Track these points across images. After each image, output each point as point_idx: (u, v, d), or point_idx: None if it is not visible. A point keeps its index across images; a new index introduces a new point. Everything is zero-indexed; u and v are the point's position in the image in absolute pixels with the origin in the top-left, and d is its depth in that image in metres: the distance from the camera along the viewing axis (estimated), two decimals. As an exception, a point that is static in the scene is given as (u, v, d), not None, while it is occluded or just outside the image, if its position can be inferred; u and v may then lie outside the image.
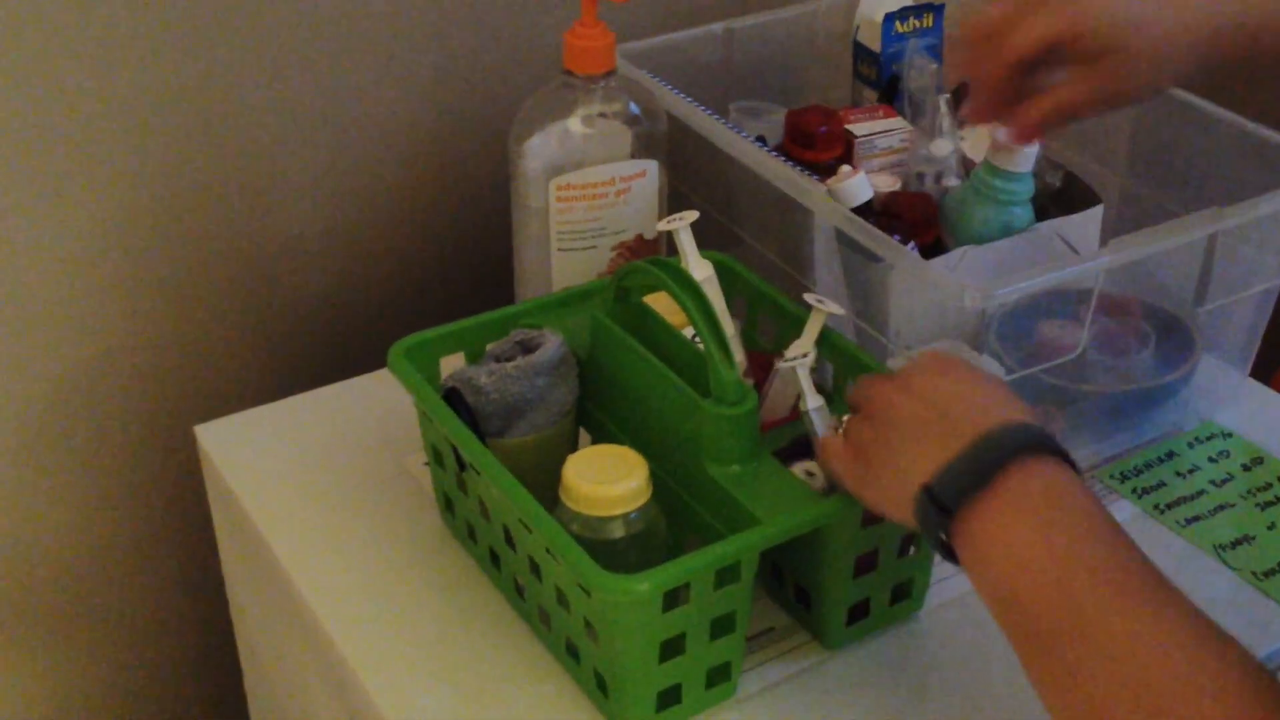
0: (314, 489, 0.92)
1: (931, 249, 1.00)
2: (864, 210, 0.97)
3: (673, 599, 0.71)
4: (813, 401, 0.81)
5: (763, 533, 0.72)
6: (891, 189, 1.04)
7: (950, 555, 0.66)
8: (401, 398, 0.87)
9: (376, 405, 0.99)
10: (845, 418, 0.75)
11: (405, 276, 1.18)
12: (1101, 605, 0.59)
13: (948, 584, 0.85)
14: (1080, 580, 0.60)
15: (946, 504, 0.65)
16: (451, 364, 0.87)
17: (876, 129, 1.08)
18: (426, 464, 0.89)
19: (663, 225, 0.87)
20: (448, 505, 0.88)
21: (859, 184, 0.98)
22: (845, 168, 1.02)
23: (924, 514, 0.66)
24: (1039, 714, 0.77)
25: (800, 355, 0.82)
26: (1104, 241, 0.93)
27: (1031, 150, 0.97)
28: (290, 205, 1.11)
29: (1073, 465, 0.66)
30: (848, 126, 1.07)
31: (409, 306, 1.17)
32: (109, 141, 1.01)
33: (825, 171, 1.02)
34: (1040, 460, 0.65)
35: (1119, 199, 1.06)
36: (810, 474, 0.79)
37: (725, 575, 0.72)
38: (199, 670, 1.24)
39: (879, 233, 0.89)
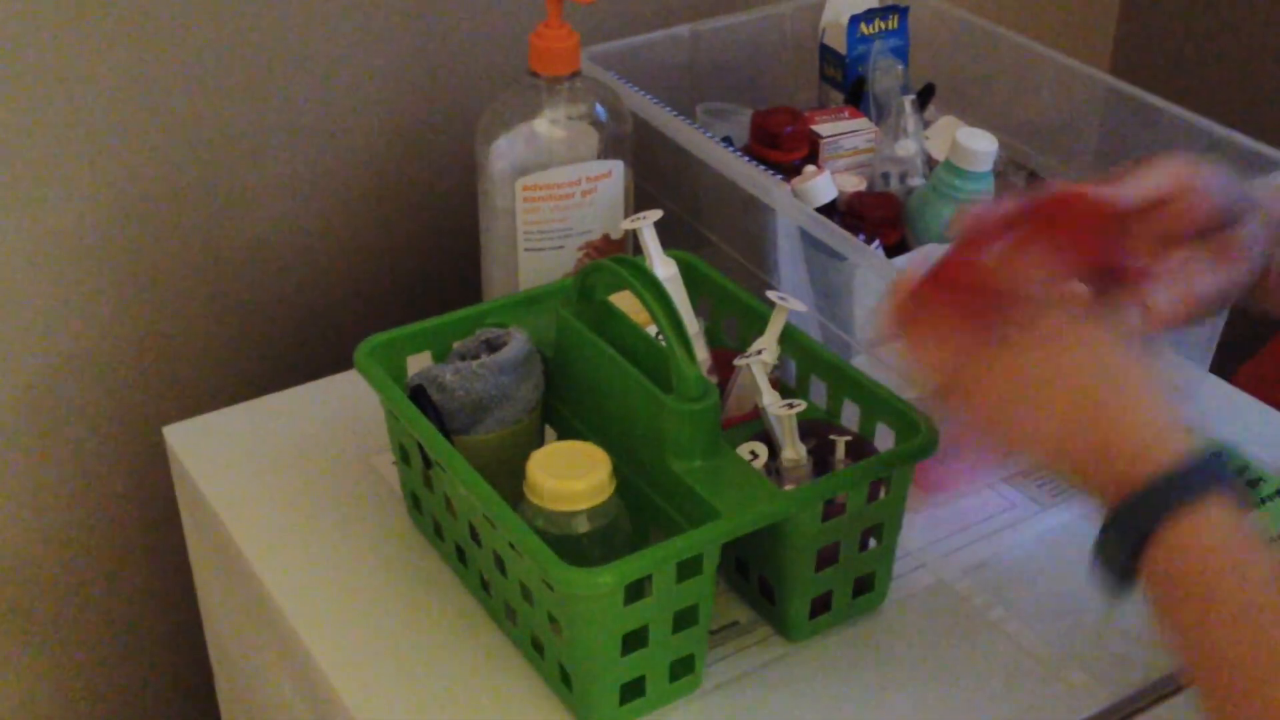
0: (282, 489, 0.93)
1: (896, 249, 1.01)
2: (828, 210, 0.98)
3: (635, 592, 0.72)
4: (768, 398, 0.82)
5: (723, 526, 0.73)
6: (857, 189, 1.05)
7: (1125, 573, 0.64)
8: (369, 397, 0.87)
9: (344, 405, 1.00)
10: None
11: (373, 277, 1.18)
12: None
13: (910, 578, 0.86)
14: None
15: (1128, 537, 0.62)
16: (418, 363, 0.87)
17: (842, 130, 1.09)
18: (394, 463, 0.90)
19: (627, 224, 0.87)
20: (415, 503, 0.88)
21: (823, 184, 0.99)
22: (810, 168, 1.03)
23: (1112, 536, 0.63)
24: (997, 706, 0.78)
25: (757, 352, 0.83)
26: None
27: (991, 149, 0.98)
28: (259, 206, 1.11)
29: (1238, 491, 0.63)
30: (813, 127, 1.08)
31: (376, 307, 1.18)
32: (77, 144, 1.01)
33: (791, 172, 1.03)
34: (1207, 510, 0.61)
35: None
36: (754, 454, 0.80)
37: (687, 568, 0.73)
38: (168, 669, 1.25)
39: (842, 231, 0.90)
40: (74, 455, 1.11)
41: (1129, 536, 0.62)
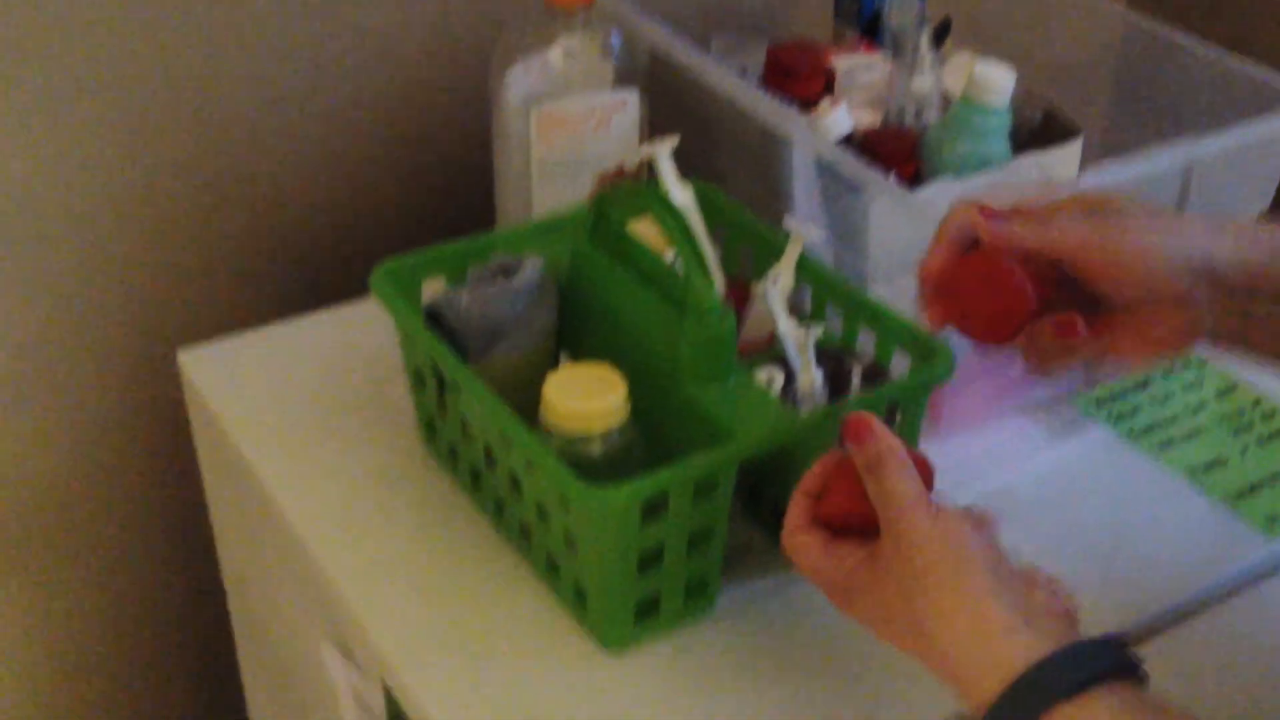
0: (297, 414, 0.93)
1: (911, 184, 1.01)
2: (844, 145, 0.98)
3: (651, 511, 0.72)
4: (784, 324, 0.82)
5: (740, 445, 0.73)
6: (872, 125, 1.04)
7: None
8: (383, 325, 0.87)
9: (359, 332, 1.00)
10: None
11: (387, 207, 1.18)
12: None
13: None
14: None
15: None
16: (433, 289, 0.87)
17: (858, 64, 1.08)
18: (409, 389, 0.90)
19: (643, 150, 0.87)
20: (429, 428, 0.88)
21: (840, 117, 0.99)
22: (826, 101, 1.03)
23: None
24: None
25: (774, 279, 0.83)
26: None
27: (1008, 83, 0.97)
28: (275, 132, 1.11)
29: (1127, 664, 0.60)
30: (829, 62, 1.08)
31: (390, 238, 1.18)
32: (92, 67, 1.01)
33: (806, 106, 1.02)
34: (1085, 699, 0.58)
35: (1100, 136, 1.07)
36: (771, 379, 0.80)
37: (703, 489, 0.73)
38: (181, 592, 1.25)
39: (858, 160, 0.90)
40: (88, 379, 1.12)
41: None
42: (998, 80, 0.97)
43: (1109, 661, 0.59)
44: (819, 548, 0.68)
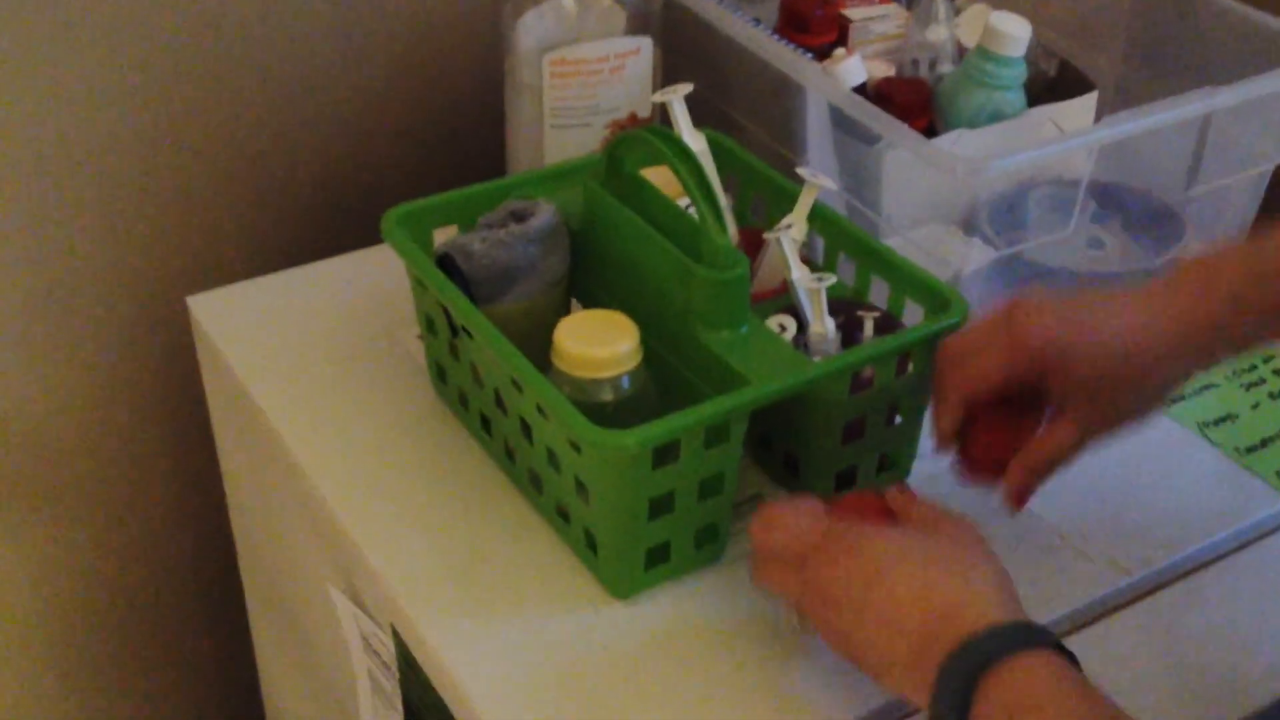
0: (308, 360, 0.93)
1: (925, 135, 1.00)
2: (857, 94, 0.97)
3: (662, 457, 0.72)
4: (797, 272, 0.81)
5: (752, 392, 0.73)
6: (885, 75, 1.03)
7: None
8: (395, 272, 0.87)
9: (370, 279, 1.00)
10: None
11: (399, 155, 1.18)
12: None
13: (933, 458, 0.86)
14: None
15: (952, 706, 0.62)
16: (445, 237, 0.87)
17: (872, 15, 1.07)
18: (419, 335, 0.90)
19: (657, 96, 0.87)
20: (440, 374, 0.88)
21: (853, 66, 0.98)
22: (840, 51, 1.02)
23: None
24: (1021, 582, 0.79)
25: (786, 226, 0.83)
26: (1098, 128, 0.94)
27: (1024, 33, 0.97)
28: (287, 79, 1.10)
29: (1042, 642, 0.63)
30: (843, 11, 1.07)
31: (402, 186, 1.17)
32: (103, 12, 1.00)
33: (820, 56, 1.02)
34: (1010, 669, 0.61)
35: (1116, 88, 1.06)
36: (783, 328, 0.80)
37: (714, 435, 0.73)
38: (190, 536, 1.26)
39: (875, 108, 0.89)
40: (99, 326, 1.11)
41: (958, 685, 0.61)
42: (1013, 31, 0.97)
43: (1047, 638, 0.63)
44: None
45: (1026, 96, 1.01)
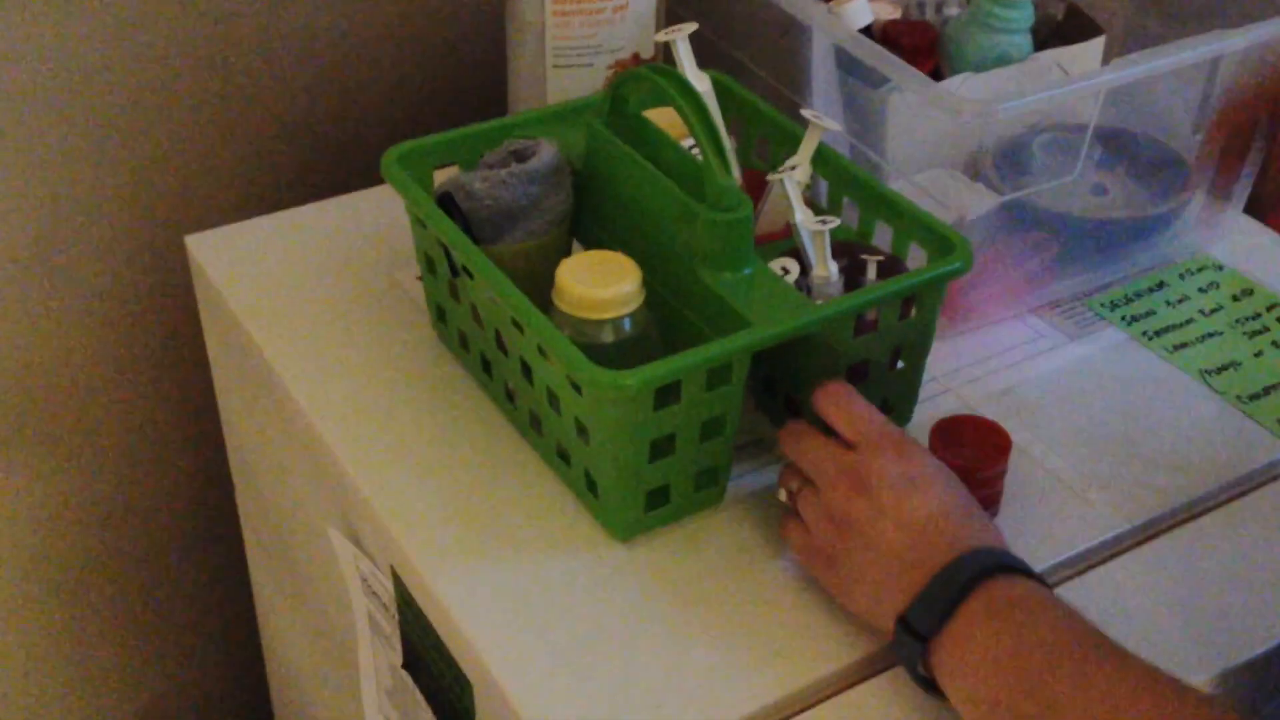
0: (307, 299, 0.92)
1: (931, 78, 0.99)
2: (863, 36, 0.96)
3: (664, 398, 0.72)
4: (800, 214, 0.81)
5: (755, 333, 0.73)
6: (892, 17, 1.02)
7: (928, 686, 0.68)
8: (394, 212, 0.86)
9: (370, 220, 0.99)
10: (795, 488, 0.74)
11: (399, 95, 1.17)
12: (1078, 697, 0.61)
13: (935, 401, 0.86)
14: (1058, 680, 0.61)
15: (921, 633, 0.66)
16: (445, 177, 0.86)
17: (879, -43, 1.06)
18: (419, 276, 0.89)
19: (660, 36, 0.85)
20: (440, 315, 0.88)
21: (859, 6, 0.97)
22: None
23: (902, 647, 0.68)
24: (1022, 524, 0.79)
25: (791, 168, 0.82)
26: (1105, 72, 0.92)
27: None
28: (285, 18, 1.09)
29: (1039, 578, 0.67)
30: (850, -47, 1.06)
31: (403, 124, 1.16)
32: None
33: (826, -2, 1.00)
34: (1007, 580, 0.66)
35: (1125, 33, 1.05)
36: (786, 271, 0.80)
37: (716, 376, 0.73)
38: (189, 479, 1.26)
39: (881, 50, 0.88)
40: (96, 264, 1.11)
41: (947, 594, 0.66)
42: None
43: (1031, 571, 0.68)
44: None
45: (1033, 40, 1.00)
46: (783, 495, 0.76)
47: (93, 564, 1.25)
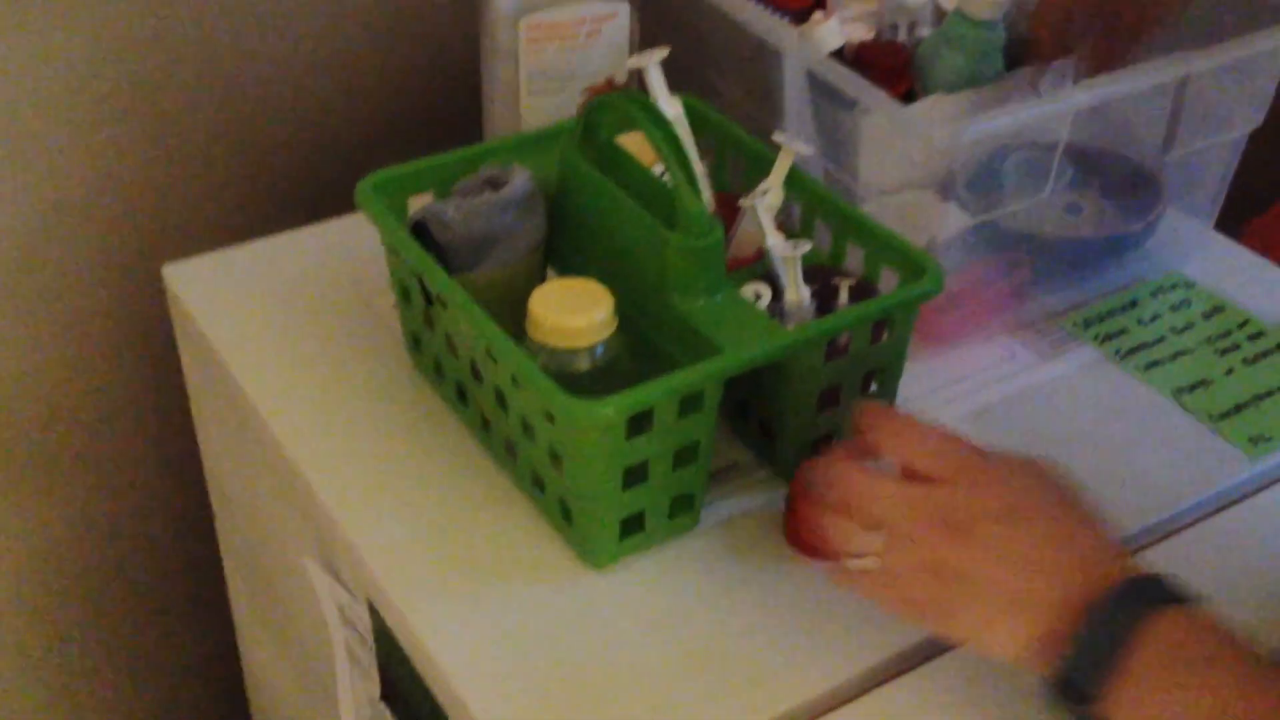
0: (282, 328, 0.93)
1: (904, 100, 1.00)
2: (835, 58, 0.96)
3: (637, 426, 0.72)
4: (772, 239, 0.81)
5: (726, 360, 0.73)
6: (865, 39, 1.03)
7: None
8: (371, 240, 0.86)
9: (346, 247, 0.99)
10: (873, 540, 0.66)
11: (374, 121, 1.17)
12: None
13: (910, 423, 0.87)
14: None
15: (1085, 691, 0.60)
16: (420, 204, 0.86)
17: (851, -22, 1.06)
18: (395, 304, 0.89)
19: (632, 61, 0.86)
20: (415, 343, 0.88)
21: (831, 29, 0.97)
22: (818, 14, 1.01)
23: (1060, 705, 0.62)
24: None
25: (762, 192, 0.82)
26: (1076, 94, 0.93)
27: None
28: (261, 46, 1.09)
29: (1190, 596, 0.62)
30: (821, -26, 1.06)
31: (378, 152, 1.17)
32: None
33: (799, 19, 1.01)
34: (1167, 616, 0.60)
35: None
36: (758, 295, 0.80)
37: (689, 403, 0.73)
38: (168, 509, 1.25)
39: (851, 74, 0.89)
40: (73, 295, 1.11)
41: (1105, 644, 0.60)
42: None
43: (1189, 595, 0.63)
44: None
45: (1005, 60, 1.01)
46: (859, 563, 0.67)
47: (72, 593, 1.25)
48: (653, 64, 0.85)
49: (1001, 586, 0.63)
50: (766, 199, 0.82)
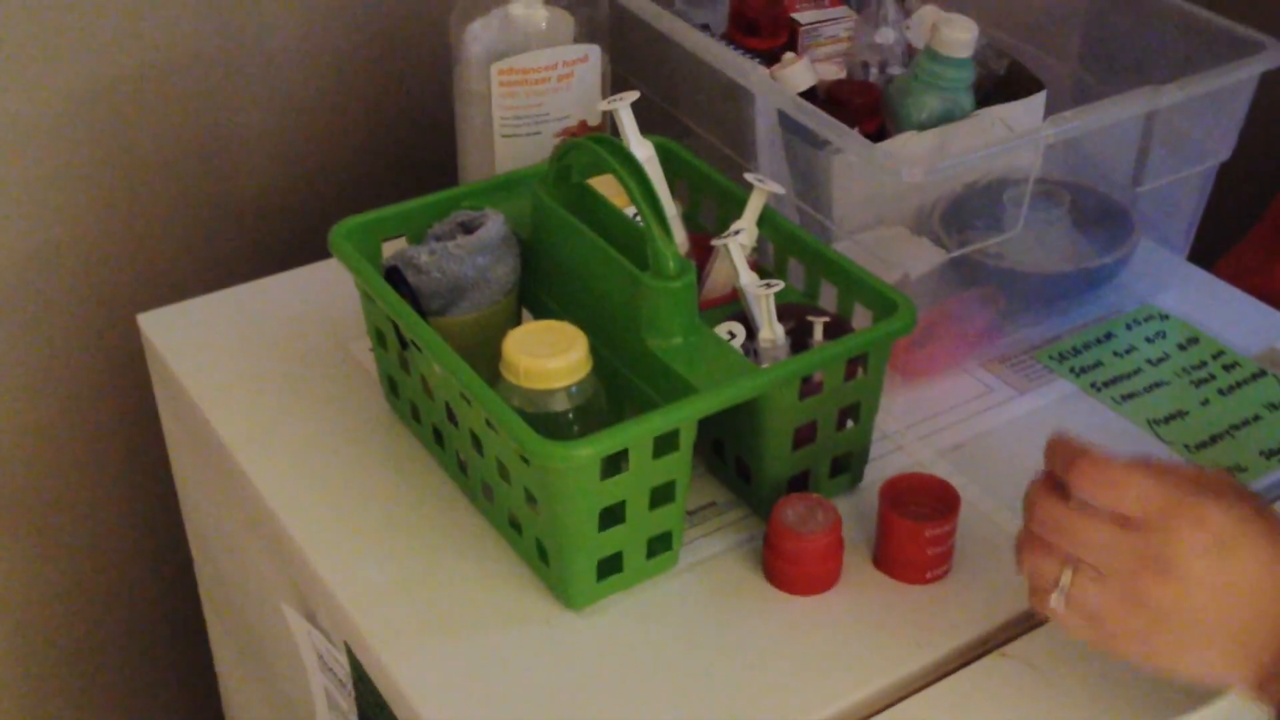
0: (259, 375, 0.93)
1: (875, 138, 1.00)
2: (808, 98, 0.97)
3: (612, 466, 0.72)
4: (746, 278, 0.81)
5: (701, 401, 0.73)
6: (837, 78, 1.04)
7: None
8: (346, 285, 0.87)
9: (321, 293, 0.99)
10: (1066, 575, 0.65)
11: (349, 166, 1.17)
12: None
13: (887, 460, 0.87)
14: None
15: None
16: (394, 248, 0.86)
17: (821, 18, 1.08)
18: (371, 348, 0.89)
19: (603, 105, 0.86)
20: (391, 387, 0.88)
21: (802, 70, 0.98)
22: (789, 55, 1.02)
23: None
24: (972, 580, 0.79)
25: (735, 232, 0.83)
26: (1046, 129, 0.94)
27: (971, 35, 0.97)
28: (235, 94, 1.10)
29: None
30: (792, 14, 1.07)
31: (352, 197, 1.17)
32: (57, 31, 1.00)
33: (770, 59, 1.02)
34: None
35: (1070, 89, 1.07)
36: (732, 335, 0.80)
37: (664, 443, 0.73)
38: (147, 557, 1.25)
39: (821, 113, 0.89)
40: (48, 343, 1.11)
41: None
42: (960, 34, 0.97)
43: None
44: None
45: (976, 96, 1.02)
46: (1055, 600, 0.66)
47: (52, 640, 1.24)
48: (624, 106, 0.86)
49: (1218, 620, 0.62)
50: (739, 238, 0.83)
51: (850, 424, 0.82)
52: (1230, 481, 0.66)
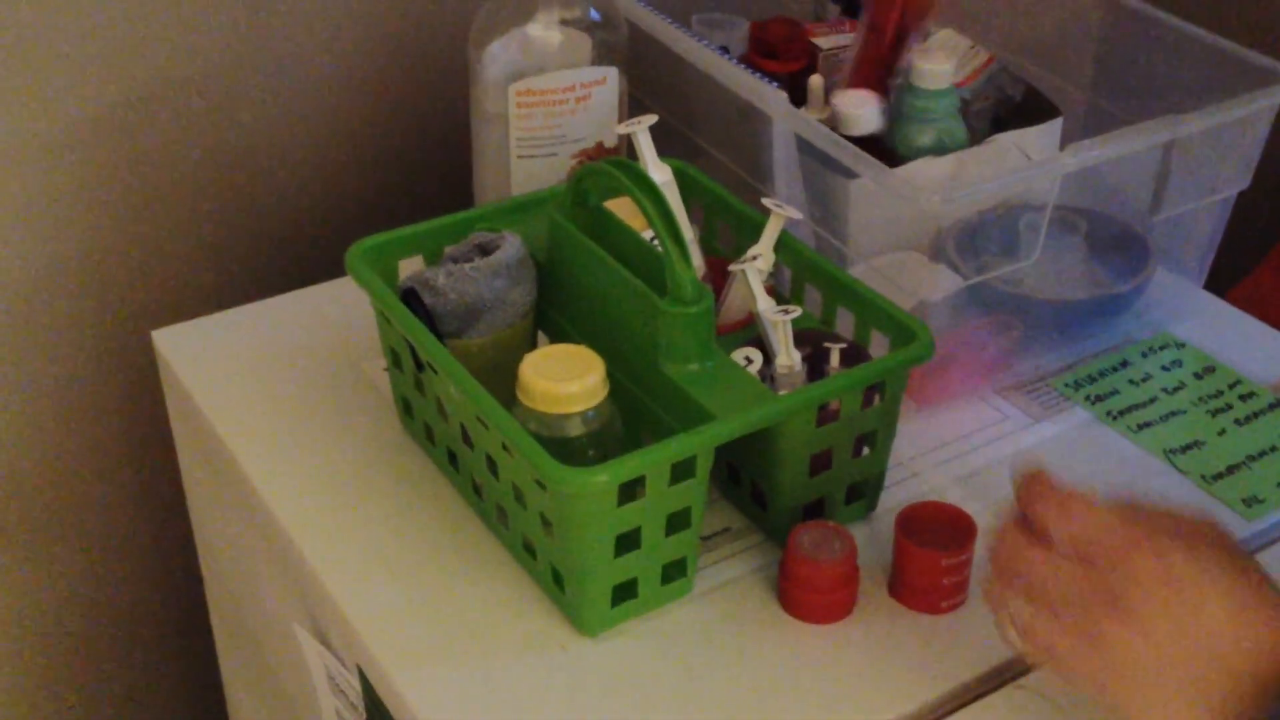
0: (273, 393, 0.92)
1: (890, 163, 1.00)
2: (867, 140, 0.95)
3: (628, 493, 0.72)
4: (763, 304, 0.81)
5: (718, 428, 0.73)
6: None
7: None
8: (361, 304, 0.87)
9: (336, 312, 0.99)
10: (1024, 610, 0.64)
11: (365, 185, 1.17)
12: None
13: (902, 486, 0.86)
14: None
15: None
16: (410, 267, 0.86)
17: (841, 43, 1.08)
18: (386, 368, 0.89)
19: (621, 128, 0.86)
20: (406, 408, 0.88)
21: (870, 113, 0.97)
22: (861, 93, 1.00)
23: None
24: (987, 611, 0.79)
25: (752, 258, 0.82)
26: (1063, 153, 0.94)
27: (947, 68, 0.97)
28: (251, 111, 1.10)
29: None
30: (812, 40, 1.07)
31: (369, 216, 1.17)
32: (70, 47, 1.00)
33: (789, 83, 1.01)
34: None
35: (1085, 115, 1.07)
36: (749, 360, 0.80)
37: (680, 470, 0.73)
38: (159, 576, 1.25)
39: (840, 139, 0.89)
40: (63, 359, 1.11)
41: None
42: (934, 66, 0.97)
43: None
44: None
45: (992, 122, 1.01)
46: (1012, 635, 0.66)
47: (62, 658, 1.24)
48: (642, 130, 0.86)
49: (1176, 666, 0.61)
50: (756, 264, 0.83)
51: (866, 451, 0.82)
52: (1210, 528, 0.65)
